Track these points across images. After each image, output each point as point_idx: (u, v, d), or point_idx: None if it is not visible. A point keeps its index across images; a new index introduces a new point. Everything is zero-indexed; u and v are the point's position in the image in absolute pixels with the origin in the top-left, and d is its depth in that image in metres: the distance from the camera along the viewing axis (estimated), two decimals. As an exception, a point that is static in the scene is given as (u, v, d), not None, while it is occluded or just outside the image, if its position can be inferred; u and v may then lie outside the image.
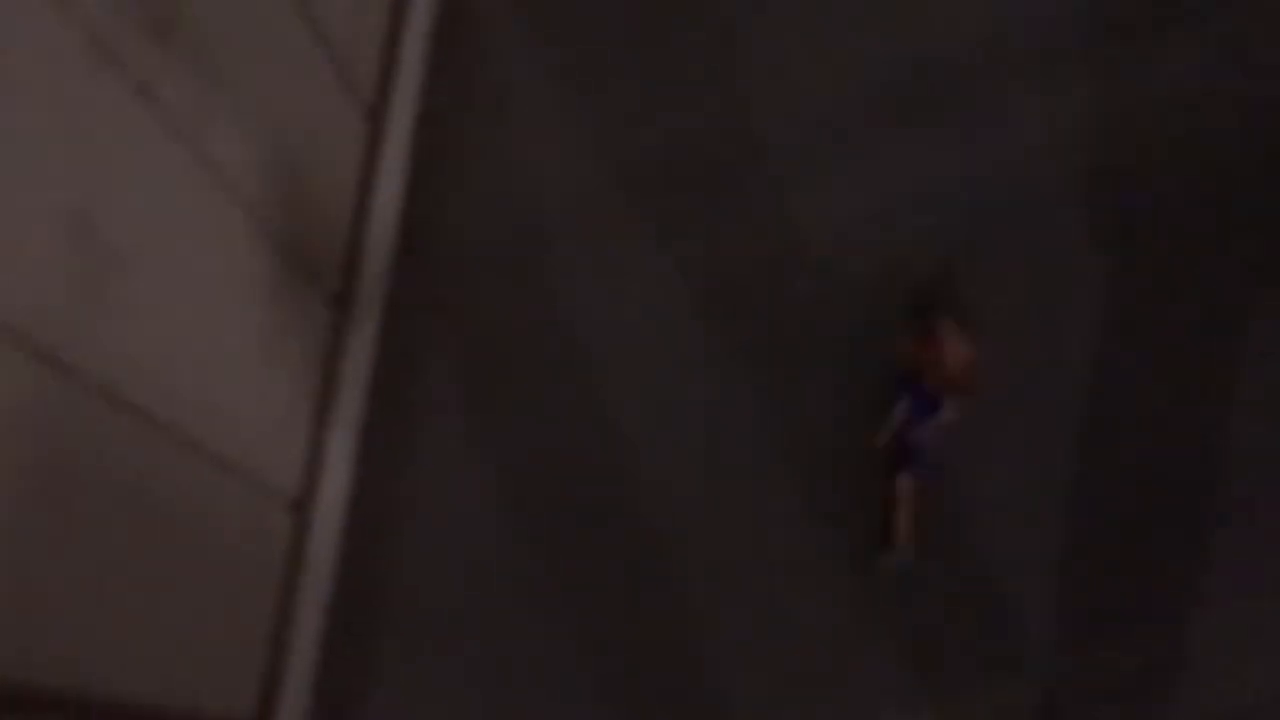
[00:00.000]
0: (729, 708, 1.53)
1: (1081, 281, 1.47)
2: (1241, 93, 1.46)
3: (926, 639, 1.52)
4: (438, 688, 1.54)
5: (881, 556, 1.54)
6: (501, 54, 1.66)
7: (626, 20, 1.67)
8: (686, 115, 1.62)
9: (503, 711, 1.54)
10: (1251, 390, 1.45)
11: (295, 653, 1.46)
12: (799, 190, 1.62)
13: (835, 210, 1.60)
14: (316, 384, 1.47)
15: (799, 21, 1.63)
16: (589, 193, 1.63)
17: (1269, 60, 1.46)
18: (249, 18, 1.23)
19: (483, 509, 1.57)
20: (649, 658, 1.54)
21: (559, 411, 1.59)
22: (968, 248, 1.54)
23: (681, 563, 1.54)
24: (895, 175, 1.57)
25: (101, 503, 1.08)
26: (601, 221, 1.62)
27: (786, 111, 1.62)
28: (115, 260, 1.07)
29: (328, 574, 1.49)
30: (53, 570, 1.03)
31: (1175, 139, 1.49)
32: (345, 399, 1.51)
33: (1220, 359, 1.36)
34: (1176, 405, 1.39)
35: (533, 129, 1.65)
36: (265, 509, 1.39)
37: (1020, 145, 1.46)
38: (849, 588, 1.54)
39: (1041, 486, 1.53)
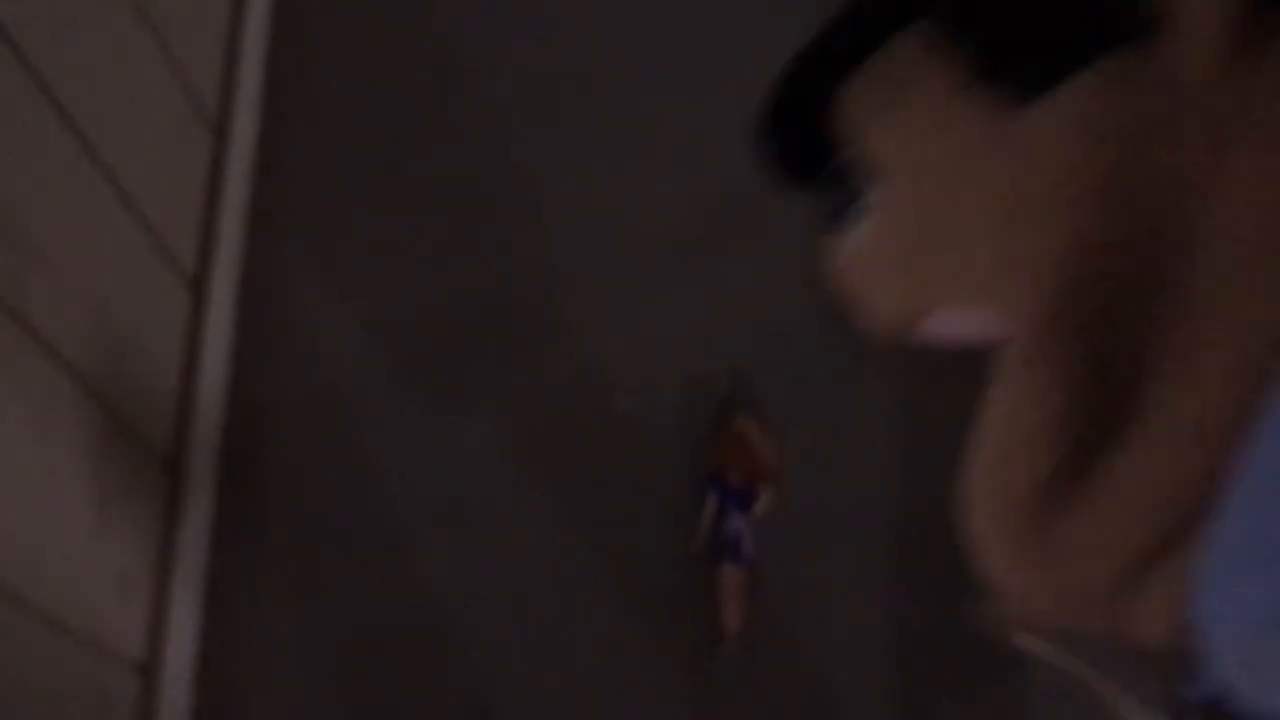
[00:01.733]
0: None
1: (873, 373, 1.61)
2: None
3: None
4: None
5: (713, 651, 1.57)
6: (317, 217, 1.77)
7: (425, 167, 1.80)
8: (489, 259, 1.74)
9: None
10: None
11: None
12: (602, 322, 1.73)
13: (641, 337, 1.72)
14: (156, 547, 1.49)
15: (597, 162, 1.78)
16: (397, 346, 1.72)
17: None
18: (60, 197, 1.30)
19: (318, 670, 1.59)
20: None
21: (382, 571, 1.62)
22: (766, 354, 1.66)
23: (517, 702, 1.56)
24: (695, 298, 1.70)
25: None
26: (413, 373, 1.70)
27: (587, 248, 1.74)
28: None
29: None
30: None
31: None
32: (185, 561, 1.52)
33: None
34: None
35: (347, 286, 1.75)
36: (111, 674, 1.38)
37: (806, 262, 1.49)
38: (686, 690, 1.57)
39: (860, 570, 1.60)
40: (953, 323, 0.42)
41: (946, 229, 0.41)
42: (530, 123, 1.81)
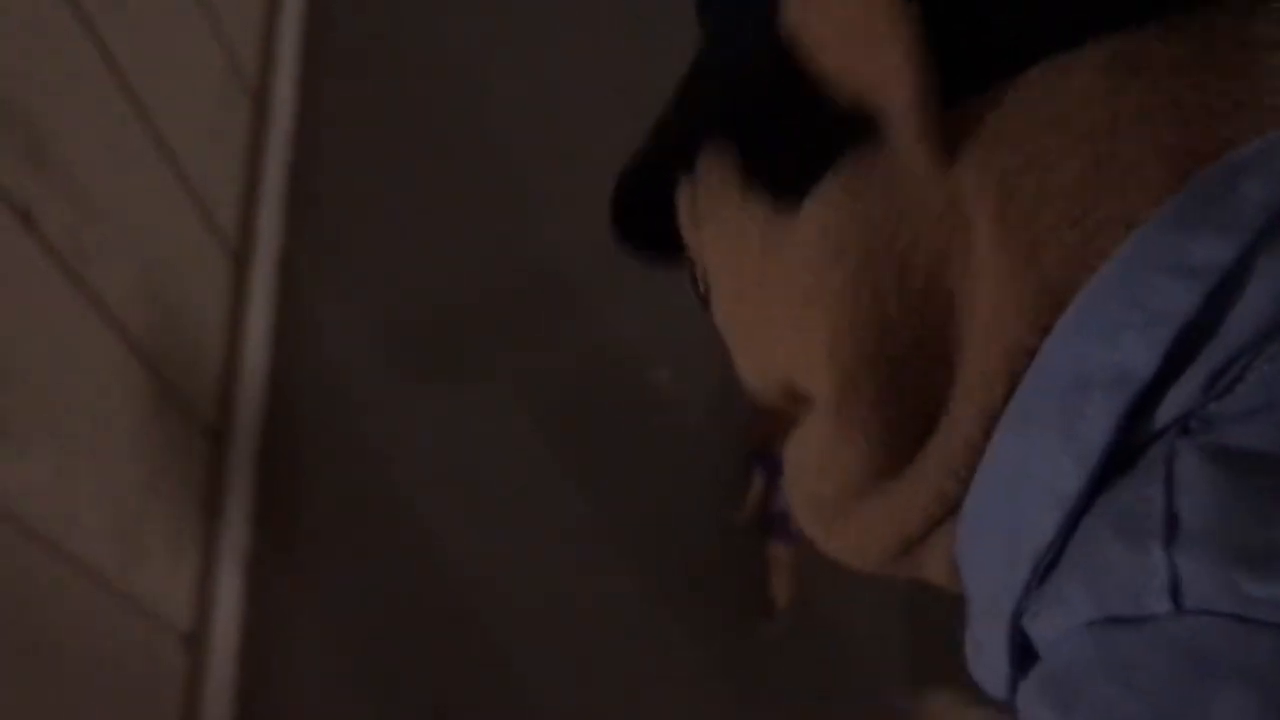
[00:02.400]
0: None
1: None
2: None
3: (812, 702, 1.55)
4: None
5: (761, 627, 1.56)
6: (353, 191, 1.76)
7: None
8: (527, 236, 1.74)
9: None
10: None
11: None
12: (639, 296, 1.69)
13: (678, 309, 1.73)
14: (200, 516, 1.49)
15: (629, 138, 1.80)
16: (435, 321, 1.72)
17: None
18: (113, 155, 1.29)
19: (355, 643, 1.58)
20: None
21: (422, 543, 1.61)
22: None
23: (556, 677, 1.56)
24: None
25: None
26: (452, 348, 1.70)
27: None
28: (6, 383, 1.07)
29: (225, 711, 1.45)
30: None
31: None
32: (230, 532, 1.51)
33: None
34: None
35: (385, 261, 1.74)
36: (159, 644, 1.38)
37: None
38: (730, 665, 1.57)
39: None
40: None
41: (756, 321, 0.45)
42: (563, 104, 1.80)
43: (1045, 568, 0.34)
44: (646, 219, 0.54)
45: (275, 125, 1.72)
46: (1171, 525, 0.30)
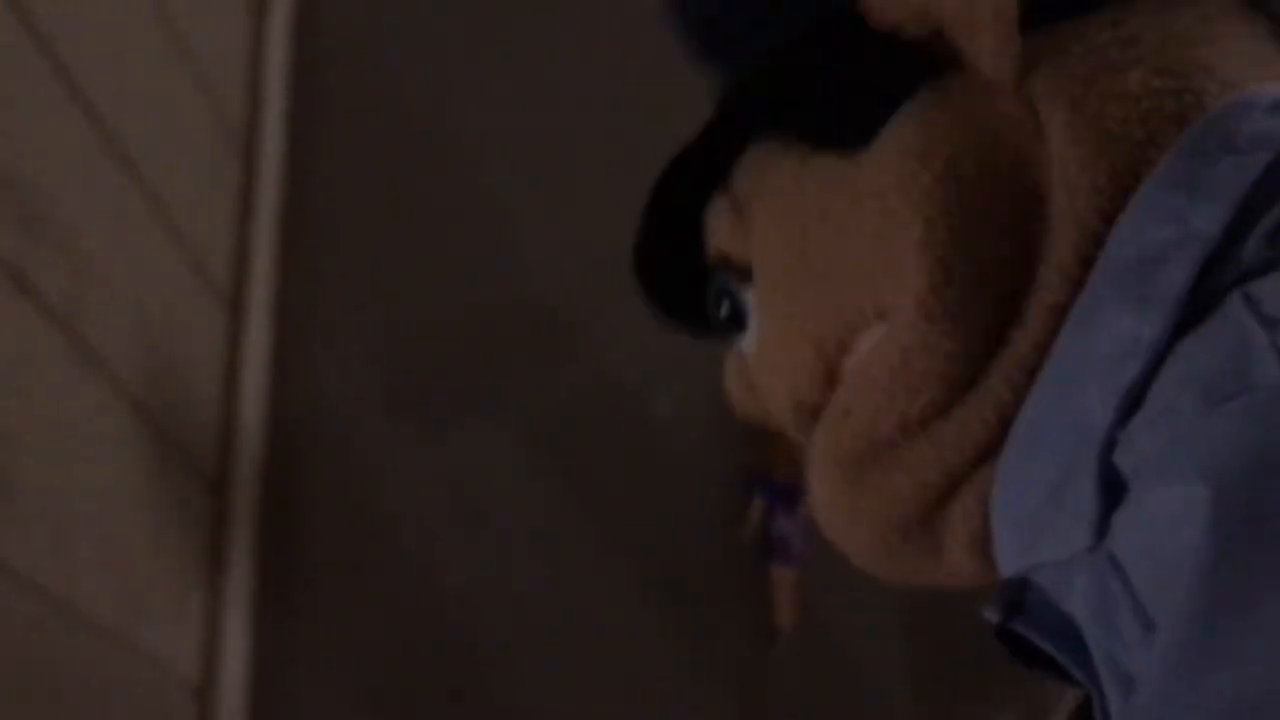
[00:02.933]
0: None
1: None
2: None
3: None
4: None
5: (766, 652, 1.59)
6: (342, 235, 1.78)
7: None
8: (518, 271, 1.76)
9: None
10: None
11: None
12: (633, 328, 1.72)
13: (673, 340, 1.73)
14: (204, 567, 1.49)
15: (622, 173, 1.80)
16: (428, 359, 1.74)
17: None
18: (105, 214, 1.31)
19: (364, 679, 1.59)
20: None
21: (423, 581, 1.63)
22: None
23: (564, 708, 1.57)
24: None
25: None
26: (446, 384, 1.71)
27: (612, 255, 1.78)
28: (7, 443, 1.08)
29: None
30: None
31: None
32: (234, 582, 1.52)
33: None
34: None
35: (375, 301, 1.76)
36: (168, 698, 1.38)
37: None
38: (735, 690, 1.58)
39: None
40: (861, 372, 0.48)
41: (821, 262, 0.47)
42: (555, 138, 1.82)
43: (1128, 408, 0.37)
44: (666, 258, 0.57)
45: (264, 176, 1.74)
46: (1269, 322, 0.35)
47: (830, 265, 0.47)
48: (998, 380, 0.43)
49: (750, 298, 0.51)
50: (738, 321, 0.53)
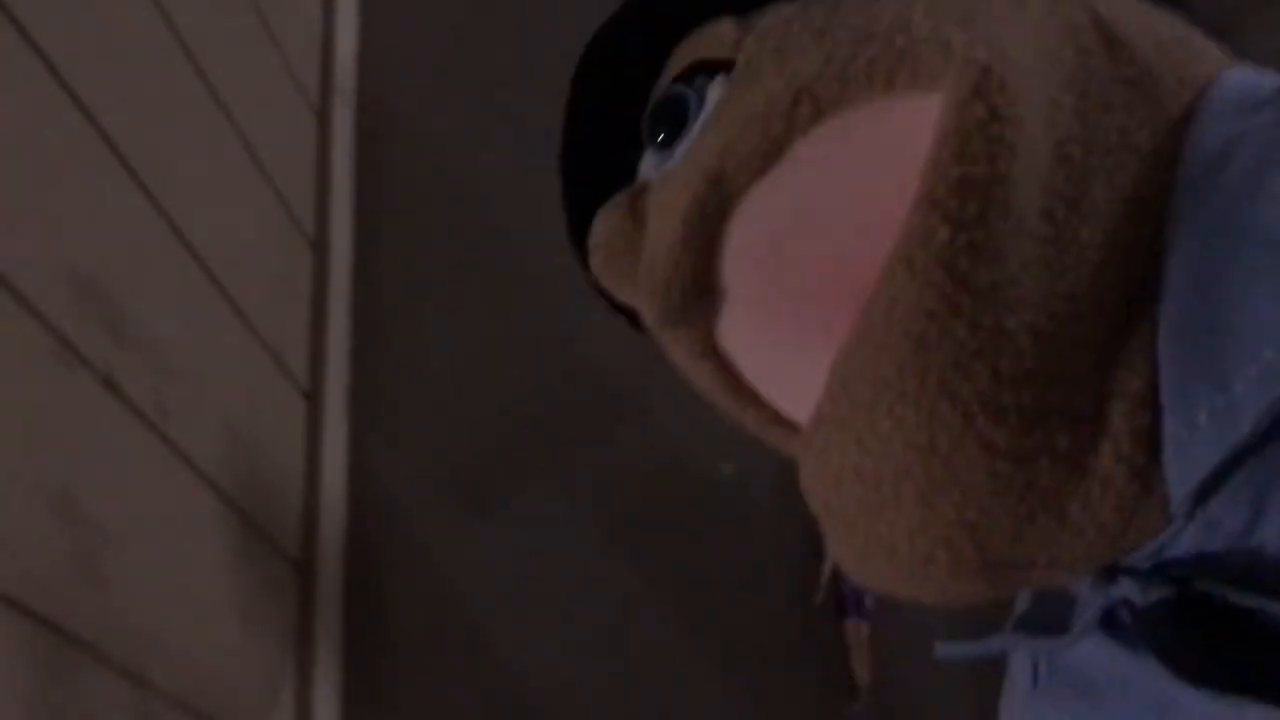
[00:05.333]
0: None
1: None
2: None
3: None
4: None
5: (849, 704, 1.57)
6: (412, 323, 1.86)
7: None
8: (577, 349, 1.77)
9: None
10: None
11: None
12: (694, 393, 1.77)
13: (718, 418, 1.78)
14: (294, 647, 1.55)
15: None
16: (499, 439, 1.79)
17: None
18: (187, 316, 1.39)
19: None
20: None
21: (505, 656, 1.66)
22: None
23: None
24: None
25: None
26: (517, 463, 1.76)
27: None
28: (103, 538, 1.15)
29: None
30: None
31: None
32: (322, 664, 1.57)
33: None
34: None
35: (446, 386, 1.83)
36: None
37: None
38: None
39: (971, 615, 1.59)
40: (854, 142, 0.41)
41: (857, 32, 0.41)
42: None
43: None
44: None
45: (335, 271, 1.82)
46: None
47: (852, 23, 0.42)
48: (1100, 192, 0.37)
49: (713, 90, 0.45)
50: (675, 128, 0.46)
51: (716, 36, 0.46)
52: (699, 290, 0.44)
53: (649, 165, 0.48)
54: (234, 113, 1.57)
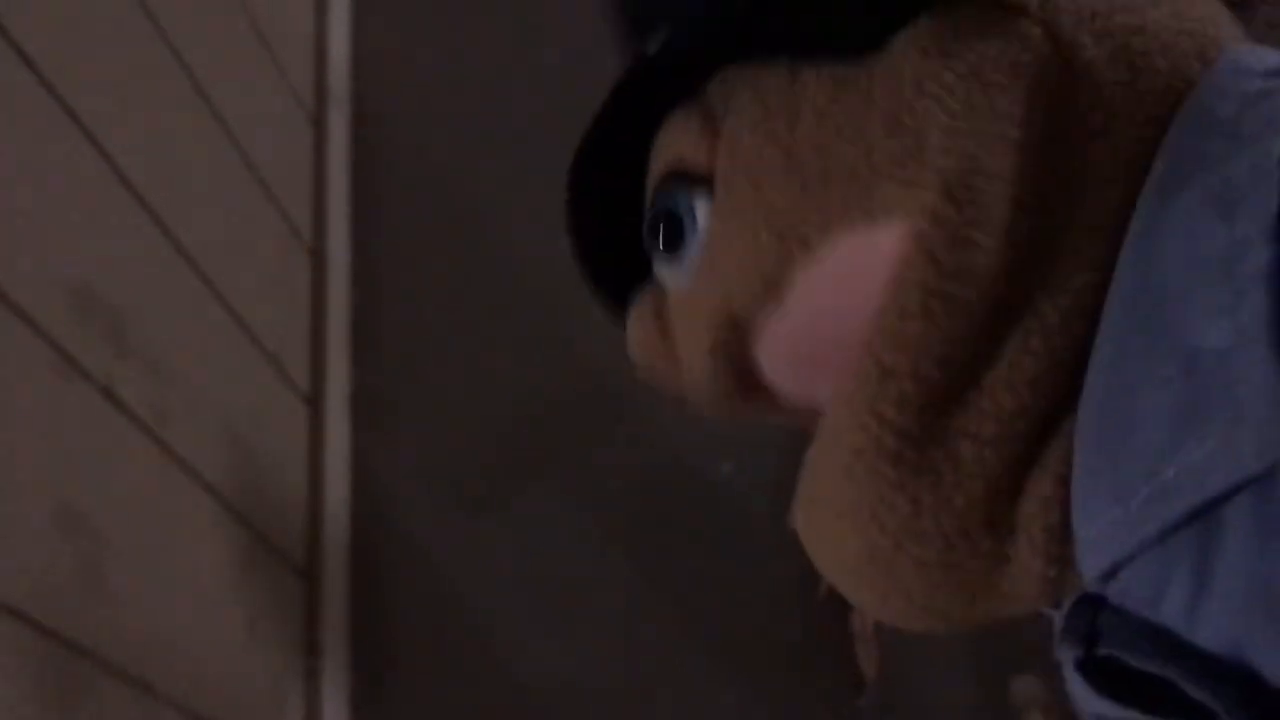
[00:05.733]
0: None
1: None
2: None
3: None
4: None
5: (855, 697, 1.57)
6: (411, 326, 1.86)
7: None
8: (577, 348, 1.74)
9: None
10: None
11: None
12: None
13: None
14: (301, 654, 1.55)
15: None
16: (500, 440, 1.79)
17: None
18: (186, 324, 1.40)
19: None
20: None
21: (511, 659, 1.66)
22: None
23: None
24: None
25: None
26: (518, 464, 1.77)
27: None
28: (107, 548, 1.15)
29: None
30: None
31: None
32: (329, 668, 1.58)
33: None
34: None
35: (446, 388, 1.83)
36: None
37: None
38: None
39: None
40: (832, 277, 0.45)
41: (821, 164, 0.44)
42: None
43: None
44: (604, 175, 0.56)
45: (334, 276, 1.82)
46: None
47: (822, 163, 0.44)
48: (1046, 303, 0.40)
49: (700, 210, 0.49)
50: (673, 242, 0.50)
51: (687, 138, 0.50)
52: (737, 386, 0.51)
53: (660, 267, 0.54)
54: (229, 121, 1.57)
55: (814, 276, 0.45)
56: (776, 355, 0.49)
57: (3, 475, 1.02)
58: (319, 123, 1.92)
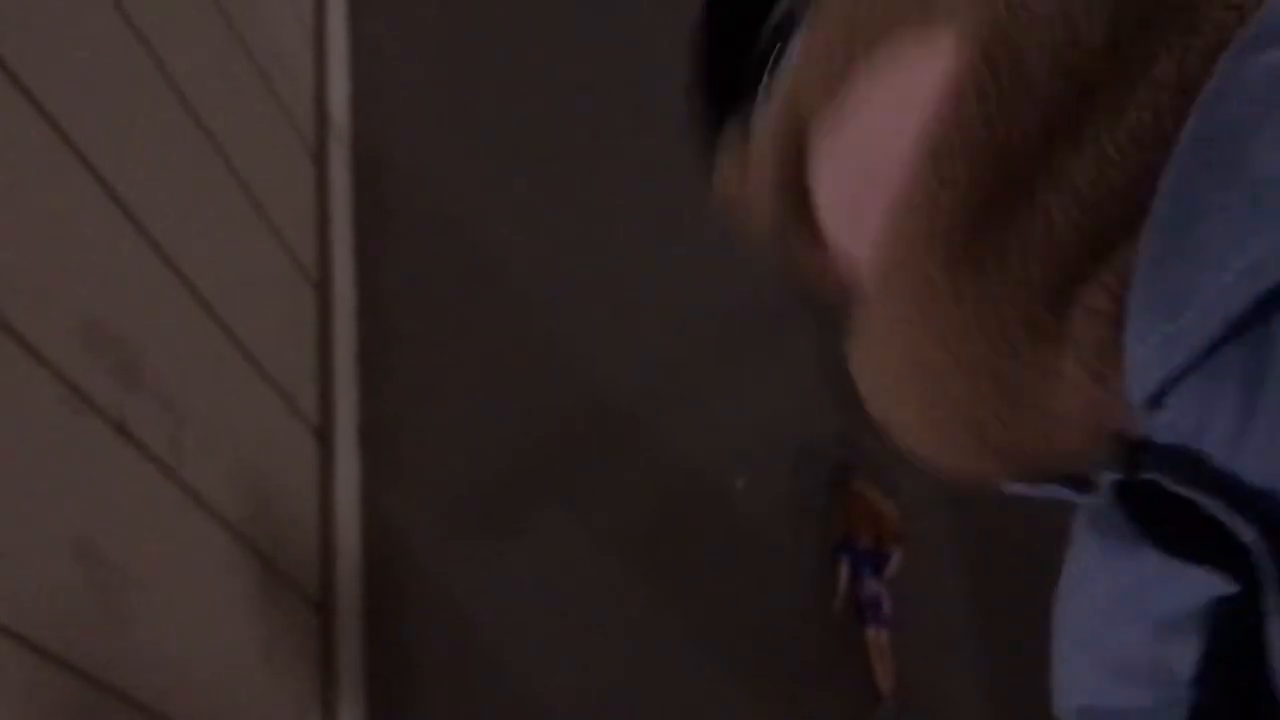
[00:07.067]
0: None
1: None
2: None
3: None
4: None
5: (872, 713, 1.57)
6: (418, 355, 1.88)
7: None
8: (587, 367, 1.82)
9: None
10: None
11: None
12: (708, 407, 1.80)
13: (747, 417, 1.78)
14: (316, 686, 1.56)
15: (683, 253, 1.89)
16: (512, 462, 1.80)
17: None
18: (197, 360, 1.41)
19: None
20: None
21: (528, 679, 1.67)
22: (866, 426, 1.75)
23: None
24: (792, 371, 1.76)
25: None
26: (532, 485, 1.78)
27: (679, 338, 1.84)
28: (124, 580, 1.16)
29: None
30: None
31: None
32: (346, 699, 1.58)
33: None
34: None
35: (454, 414, 1.84)
36: None
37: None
38: None
39: (988, 618, 1.61)
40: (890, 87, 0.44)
41: None
42: (612, 230, 1.90)
43: None
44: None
45: (339, 309, 1.84)
46: None
47: None
48: (1106, 130, 0.38)
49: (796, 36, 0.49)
50: (784, 45, 0.50)
51: None
52: (797, 228, 0.51)
53: (760, 105, 0.54)
54: (233, 159, 1.59)
55: (871, 80, 0.45)
56: (831, 184, 0.49)
57: (18, 508, 1.03)
58: (321, 159, 1.94)
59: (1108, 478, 0.41)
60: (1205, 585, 0.37)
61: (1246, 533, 0.34)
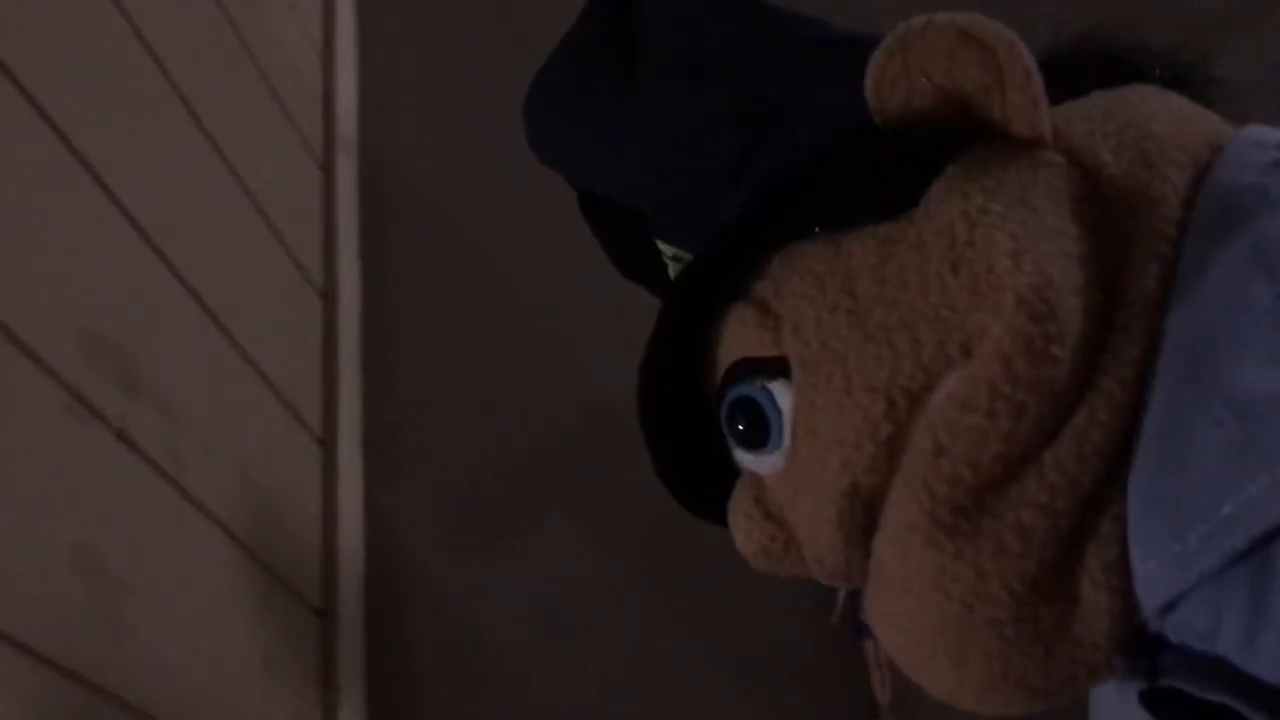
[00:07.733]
0: None
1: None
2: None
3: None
4: None
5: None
6: (421, 366, 1.88)
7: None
8: (587, 379, 1.80)
9: None
10: None
11: None
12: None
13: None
14: (317, 692, 1.56)
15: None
16: (514, 473, 1.81)
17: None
18: (199, 367, 1.42)
19: None
20: None
21: (528, 691, 1.68)
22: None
23: None
24: None
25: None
26: (532, 495, 1.79)
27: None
28: (124, 589, 1.17)
29: None
30: None
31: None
32: (347, 705, 1.58)
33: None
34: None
35: (457, 425, 1.85)
36: None
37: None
38: None
39: None
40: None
41: (893, 317, 0.46)
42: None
43: None
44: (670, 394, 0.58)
45: (345, 318, 1.85)
46: None
47: (894, 315, 0.46)
48: (1107, 379, 0.41)
49: (782, 396, 0.50)
50: (757, 436, 0.52)
51: (746, 333, 0.52)
52: (868, 551, 0.50)
53: (745, 458, 0.55)
54: (239, 167, 1.61)
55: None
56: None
57: (18, 515, 1.04)
58: (328, 167, 1.96)
59: (1134, 687, 0.43)
60: None
61: None
